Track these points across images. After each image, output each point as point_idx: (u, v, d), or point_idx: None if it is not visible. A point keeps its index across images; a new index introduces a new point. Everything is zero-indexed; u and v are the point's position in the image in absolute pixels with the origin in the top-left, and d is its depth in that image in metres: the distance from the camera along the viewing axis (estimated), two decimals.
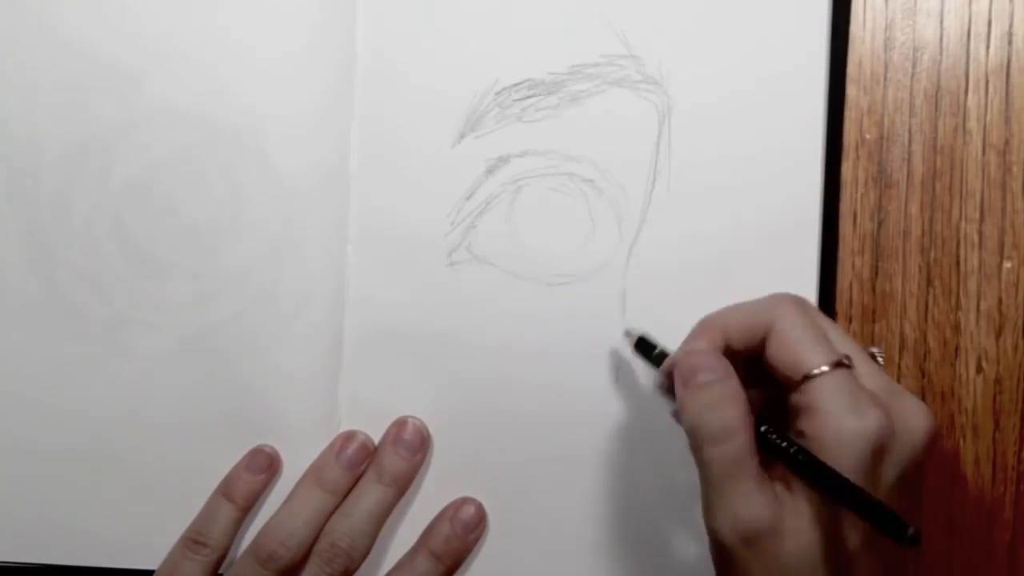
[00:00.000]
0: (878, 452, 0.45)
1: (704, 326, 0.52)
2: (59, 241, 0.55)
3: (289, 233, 0.55)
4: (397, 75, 0.55)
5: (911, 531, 0.43)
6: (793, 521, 0.46)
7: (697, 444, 0.47)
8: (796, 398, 0.47)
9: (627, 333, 0.54)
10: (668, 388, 0.51)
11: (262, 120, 0.55)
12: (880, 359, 0.51)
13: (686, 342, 0.52)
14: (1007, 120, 0.55)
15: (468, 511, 0.56)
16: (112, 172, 0.55)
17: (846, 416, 0.45)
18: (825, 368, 0.47)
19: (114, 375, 0.56)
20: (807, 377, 0.47)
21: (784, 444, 0.47)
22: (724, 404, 0.47)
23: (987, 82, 0.55)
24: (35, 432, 0.56)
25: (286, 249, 0.55)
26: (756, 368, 0.50)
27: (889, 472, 0.46)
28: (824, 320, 0.50)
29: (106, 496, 0.56)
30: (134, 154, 0.55)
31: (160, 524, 0.56)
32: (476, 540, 0.56)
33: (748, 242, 0.54)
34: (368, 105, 0.55)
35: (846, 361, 0.47)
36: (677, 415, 0.49)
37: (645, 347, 0.53)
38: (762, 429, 0.47)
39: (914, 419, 0.47)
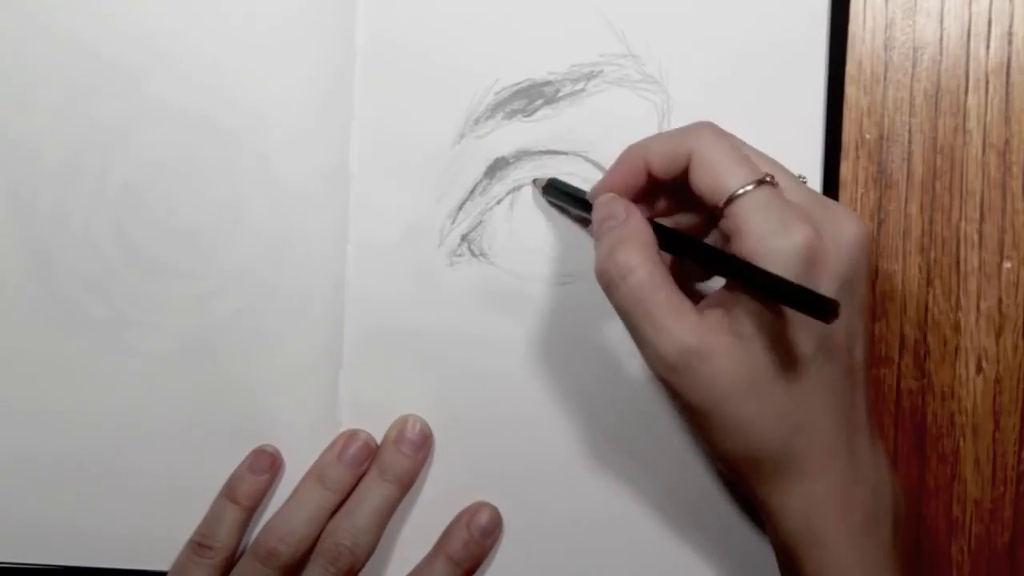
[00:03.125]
0: (811, 265, 0.44)
1: (626, 156, 0.50)
2: (58, 241, 0.55)
3: (289, 233, 0.55)
4: (397, 75, 0.55)
5: (830, 304, 0.41)
6: (720, 339, 0.45)
7: (605, 290, 0.47)
8: (724, 224, 0.46)
9: (534, 182, 0.54)
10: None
11: (262, 120, 0.55)
12: (803, 180, 0.49)
13: (608, 172, 0.51)
14: (1007, 120, 0.55)
15: (484, 515, 0.55)
16: (111, 172, 0.55)
17: (774, 233, 0.44)
18: (749, 187, 0.45)
19: (114, 375, 0.56)
20: (731, 199, 0.45)
21: (698, 250, 0.47)
22: (620, 245, 0.46)
23: (987, 82, 0.55)
24: (36, 433, 0.56)
25: (286, 249, 0.55)
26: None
27: (827, 284, 0.45)
28: (746, 146, 0.49)
29: (107, 496, 0.56)
30: (133, 154, 0.55)
31: (161, 523, 0.56)
32: (493, 544, 0.56)
33: None
34: (368, 105, 0.55)
35: (769, 179, 0.46)
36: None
37: (556, 192, 0.53)
38: (670, 234, 0.47)
39: (845, 227, 0.46)
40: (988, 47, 0.55)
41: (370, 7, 0.55)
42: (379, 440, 0.56)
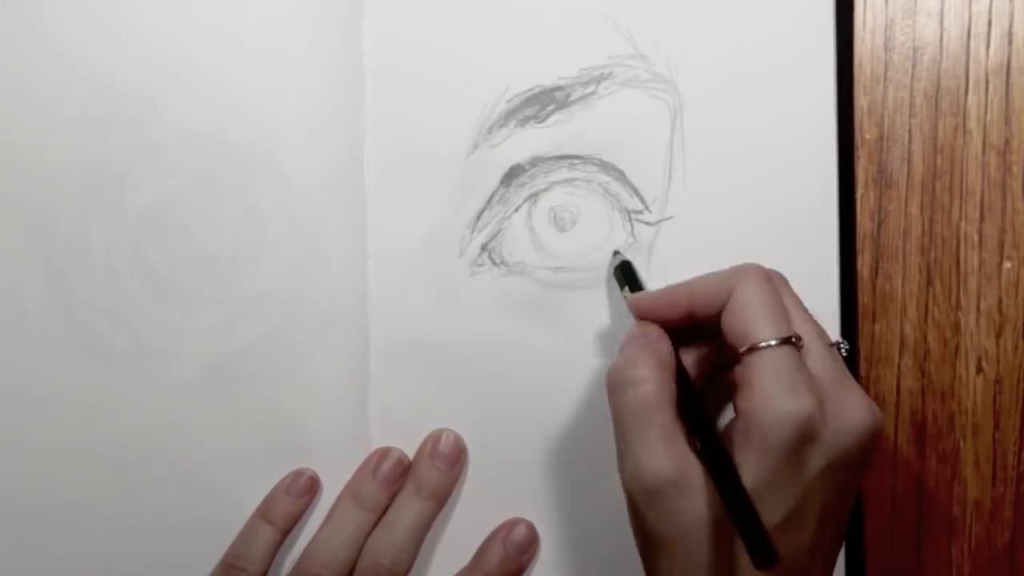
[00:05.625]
0: (805, 438, 0.44)
1: (672, 290, 0.50)
2: (78, 274, 0.54)
3: (309, 252, 0.54)
4: (407, 89, 0.54)
5: (771, 553, 0.42)
6: (698, 480, 0.45)
7: (608, 392, 0.47)
8: (738, 370, 0.46)
9: (615, 253, 0.54)
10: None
11: (275, 141, 0.54)
12: (843, 351, 0.50)
13: (654, 294, 0.51)
14: (1007, 120, 0.55)
15: (520, 532, 0.55)
16: (128, 201, 0.54)
17: (779, 396, 0.44)
18: (772, 343, 0.46)
19: (141, 405, 0.55)
20: (751, 349, 0.46)
21: (693, 415, 0.47)
22: (640, 358, 0.47)
23: (987, 82, 0.55)
24: (64, 466, 0.55)
25: (307, 269, 0.54)
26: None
27: (814, 460, 0.45)
28: (792, 300, 0.49)
29: (141, 526, 0.55)
30: (150, 181, 0.54)
31: (196, 551, 0.55)
32: (529, 560, 0.55)
33: (766, 238, 0.54)
34: (379, 120, 0.54)
35: (795, 340, 0.46)
36: None
37: (627, 273, 0.53)
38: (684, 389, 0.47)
39: (853, 414, 0.46)
40: (988, 47, 0.55)
41: (376, 23, 0.54)
42: (411, 455, 0.55)
